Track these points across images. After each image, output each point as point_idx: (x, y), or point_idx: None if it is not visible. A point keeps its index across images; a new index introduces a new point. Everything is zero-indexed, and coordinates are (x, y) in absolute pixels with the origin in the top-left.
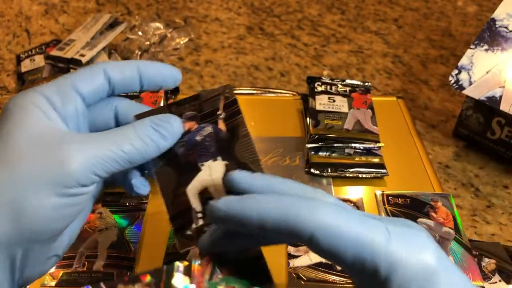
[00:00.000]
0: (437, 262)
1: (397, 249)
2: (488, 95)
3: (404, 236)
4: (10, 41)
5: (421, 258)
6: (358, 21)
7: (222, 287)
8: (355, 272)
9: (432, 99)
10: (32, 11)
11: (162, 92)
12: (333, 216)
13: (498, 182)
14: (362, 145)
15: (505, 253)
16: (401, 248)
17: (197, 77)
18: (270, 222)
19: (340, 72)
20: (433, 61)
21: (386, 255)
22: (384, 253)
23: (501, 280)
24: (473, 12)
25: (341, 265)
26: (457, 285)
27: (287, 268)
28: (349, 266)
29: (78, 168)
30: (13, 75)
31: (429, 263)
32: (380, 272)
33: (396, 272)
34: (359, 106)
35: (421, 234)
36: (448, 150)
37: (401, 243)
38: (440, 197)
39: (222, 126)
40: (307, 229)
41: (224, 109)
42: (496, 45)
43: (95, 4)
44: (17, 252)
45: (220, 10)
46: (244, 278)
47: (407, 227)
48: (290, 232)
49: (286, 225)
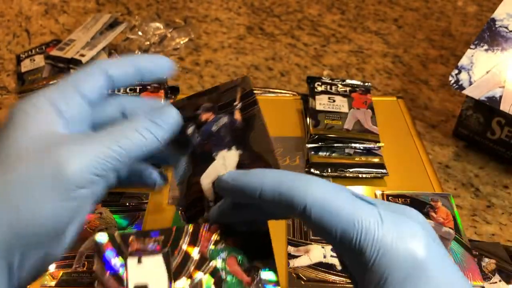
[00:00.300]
0: (426, 250)
1: (387, 234)
2: (488, 95)
3: (395, 222)
4: (10, 41)
5: (410, 245)
6: (358, 21)
7: (224, 255)
8: (342, 249)
9: (432, 99)
10: (32, 11)
11: (162, 92)
12: (327, 192)
13: (498, 182)
14: (362, 145)
15: (505, 253)
16: (391, 233)
17: (197, 77)
18: (268, 192)
19: (340, 72)
20: (433, 61)
21: (375, 239)
22: (373, 237)
23: (501, 280)
24: (473, 12)
25: (329, 240)
26: (446, 274)
27: (287, 268)
28: (337, 243)
29: (75, 170)
30: (13, 75)
31: (418, 251)
32: (367, 254)
33: (384, 256)
34: (359, 106)
35: (412, 221)
36: (448, 150)
37: (391, 229)
38: (440, 197)
39: (238, 116)
40: (301, 201)
41: (241, 100)
42: (496, 45)
43: (95, 4)
44: (15, 255)
45: (220, 10)
46: (247, 251)
47: (399, 214)
48: (286, 203)
49: (282, 196)
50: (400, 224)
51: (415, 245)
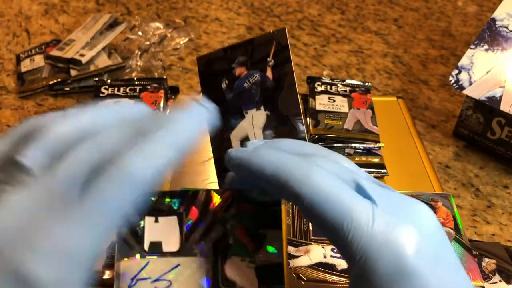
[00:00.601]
0: (415, 258)
1: (374, 237)
2: (488, 95)
3: (388, 224)
4: (10, 41)
5: (397, 250)
6: (358, 21)
7: (233, 222)
8: (332, 240)
9: (432, 99)
10: (32, 11)
11: (162, 92)
12: (323, 189)
13: (498, 182)
14: (362, 145)
15: (505, 253)
16: (379, 237)
17: (197, 77)
18: (267, 177)
19: (340, 72)
20: (433, 61)
21: (361, 242)
22: (360, 239)
23: (501, 280)
24: (473, 12)
25: (320, 228)
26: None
27: (287, 268)
28: (328, 233)
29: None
30: (12, 75)
31: (405, 259)
32: (352, 254)
33: (368, 260)
34: (359, 106)
35: (409, 224)
36: (448, 150)
37: (381, 232)
38: (440, 197)
39: (270, 74)
40: (296, 189)
41: (274, 56)
42: (496, 45)
43: (95, 4)
44: None
45: (220, 10)
46: (256, 219)
47: (397, 215)
48: (282, 190)
49: (279, 183)
50: (393, 228)
51: (403, 251)
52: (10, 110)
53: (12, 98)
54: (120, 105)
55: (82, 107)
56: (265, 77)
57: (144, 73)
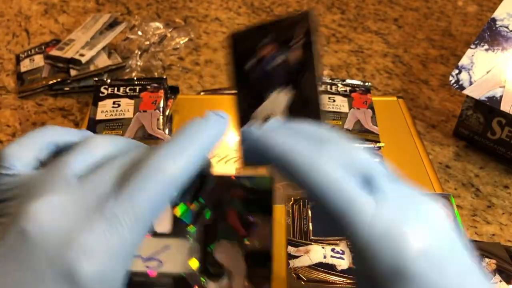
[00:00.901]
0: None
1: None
2: (489, 95)
3: (392, 224)
4: (9, 41)
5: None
6: (358, 21)
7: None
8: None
9: (432, 99)
10: (31, 10)
11: (162, 92)
12: (327, 182)
13: (498, 182)
14: (362, 145)
15: (505, 253)
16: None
17: (197, 77)
18: (272, 158)
19: (340, 72)
20: (433, 61)
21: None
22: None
23: (501, 280)
24: (473, 12)
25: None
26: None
27: (287, 268)
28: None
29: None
30: (12, 75)
31: (407, 263)
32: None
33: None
34: (359, 106)
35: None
36: (448, 150)
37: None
38: (441, 197)
39: (295, 55)
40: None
41: (300, 38)
42: (496, 45)
43: (95, 4)
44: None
45: (220, 10)
46: (249, 205)
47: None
48: (287, 175)
49: (283, 165)
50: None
51: (405, 252)
52: (10, 110)
53: (11, 98)
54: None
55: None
56: (290, 58)
57: (144, 73)
